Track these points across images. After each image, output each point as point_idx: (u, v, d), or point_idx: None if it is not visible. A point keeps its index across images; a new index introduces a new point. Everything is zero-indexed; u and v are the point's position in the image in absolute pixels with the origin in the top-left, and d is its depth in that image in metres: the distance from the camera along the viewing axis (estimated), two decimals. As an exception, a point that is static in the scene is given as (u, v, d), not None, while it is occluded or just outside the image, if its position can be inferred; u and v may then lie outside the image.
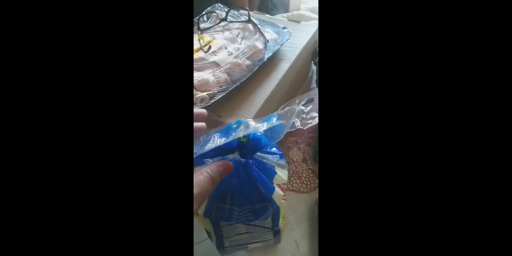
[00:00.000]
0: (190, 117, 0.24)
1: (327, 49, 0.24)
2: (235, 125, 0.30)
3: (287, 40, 0.53)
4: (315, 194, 0.52)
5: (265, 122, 0.29)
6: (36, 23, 0.22)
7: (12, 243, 0.21)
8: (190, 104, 0.27)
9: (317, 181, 0.53)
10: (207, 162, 0.30)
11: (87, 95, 0.22)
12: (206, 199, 0.34)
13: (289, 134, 0.48)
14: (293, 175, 0.53)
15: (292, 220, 0.50)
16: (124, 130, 0.22)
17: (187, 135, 0.23)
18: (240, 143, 0.30)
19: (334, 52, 0.24)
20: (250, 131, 0.29)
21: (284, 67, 0.50)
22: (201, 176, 0.26)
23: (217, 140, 0.28)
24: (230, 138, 0.28)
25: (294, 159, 0.55)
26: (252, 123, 0.30)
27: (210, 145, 0.28)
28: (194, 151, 0.28)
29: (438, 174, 0.22)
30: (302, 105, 0.31)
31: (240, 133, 0.28)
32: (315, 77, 0.69)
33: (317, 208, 0.48)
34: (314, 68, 0.68)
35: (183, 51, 0.24)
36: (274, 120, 0.30)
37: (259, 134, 0.30)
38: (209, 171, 0.27)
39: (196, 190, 0.25)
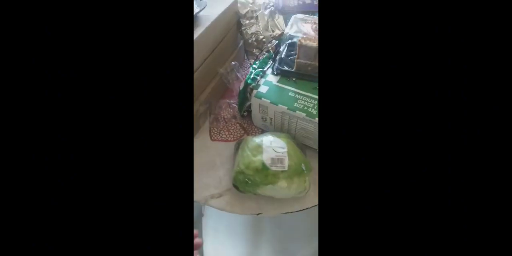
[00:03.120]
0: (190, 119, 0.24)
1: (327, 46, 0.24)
2: None
3: (203, 9, 0.58)
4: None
5: None
6: (36, 18, 0.21)
7: (13, 243, 0.20)
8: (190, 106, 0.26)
9: (242, 131, 0.67)
10: None
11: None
12: None
13: (221, 96, 0.70)
14: (223, 129, 0.69)
15: (218, 163, 0.62)
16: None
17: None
18: None
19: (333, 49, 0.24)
20: None
21: (198, 31, 0.57)
22: None
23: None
24: None
25: (226, 117, 0.70)
26: None
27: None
28: None
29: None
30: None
31: None
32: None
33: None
34: (241, 42, 0.75)
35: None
36: None
37: None
38: None
39: None
